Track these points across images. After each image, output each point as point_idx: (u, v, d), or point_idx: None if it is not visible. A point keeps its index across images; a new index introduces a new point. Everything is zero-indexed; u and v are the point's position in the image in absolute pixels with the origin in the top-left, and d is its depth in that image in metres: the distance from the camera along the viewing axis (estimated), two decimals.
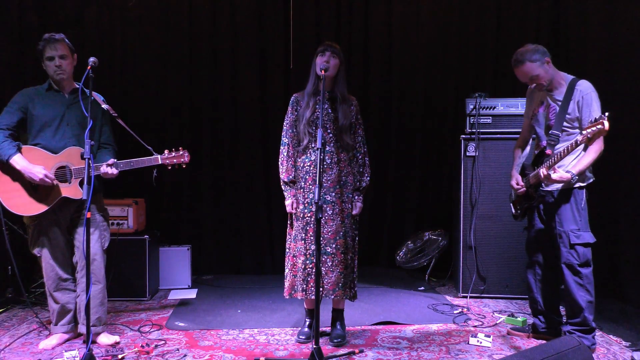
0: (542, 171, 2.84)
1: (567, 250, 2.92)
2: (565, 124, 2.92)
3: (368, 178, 3.22)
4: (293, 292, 3.11)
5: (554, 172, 2.80)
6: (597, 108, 2.86)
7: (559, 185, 2.95)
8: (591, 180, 2.98)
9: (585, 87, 2.90)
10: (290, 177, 3.16)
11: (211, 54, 4.94)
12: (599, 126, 2.60)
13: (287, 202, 3.15)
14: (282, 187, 3.18)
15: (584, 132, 2.67)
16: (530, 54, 2.91)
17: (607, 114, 2.76)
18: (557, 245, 2.97)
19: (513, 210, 3.27)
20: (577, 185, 2.93)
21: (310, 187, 3.07)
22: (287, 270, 3.17)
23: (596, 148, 2.84)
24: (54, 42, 2.98)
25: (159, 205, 4.86)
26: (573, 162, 2.89)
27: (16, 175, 2.93)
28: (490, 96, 4.10)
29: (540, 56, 2.91)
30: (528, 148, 3.24)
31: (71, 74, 3.09)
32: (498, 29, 4.93)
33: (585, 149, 2.82)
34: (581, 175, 2.89)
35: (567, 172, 2.83)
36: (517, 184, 3.14)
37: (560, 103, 2.95)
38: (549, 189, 3.02)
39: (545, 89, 3.00)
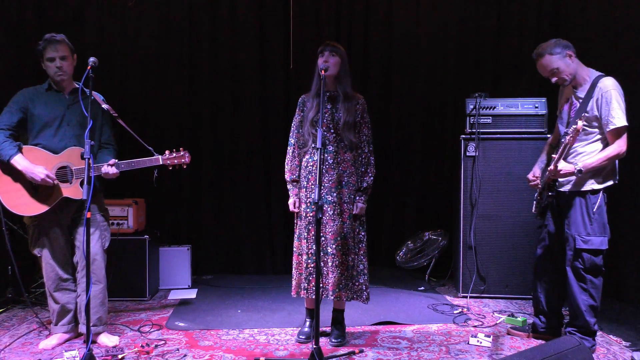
0: (550, 167, 2.83)
1: (572, 254, 2.90)
2: (584, 122, 2.79)
3: (371, 178, 3.16)
4: (299, 290, 3.12)
5: (559, 164, 2.78)
6: (617, 107, 2.76)
7: (570, 186, 2.92)
8: (610, 183, 2.88)
9: (605, 85, 2.80)
10: (293, 176, 3.18)
11: (211, 54, 4.93)
12: (574, 125, 2.59)
13: (290, 201, 3.17)
14: (288, 186, 3.21)
15: (569, 131, 2.67)
16: (550, 47, 2.86)
17: (584, 114, 2.72)
18: (564, 248, 2.96)
19: (533, 209, 3.18)
20: (589, 188, 2.87)
21: (313, 186, 3.07)
22: (294, 269, 3.18)
23: (614, 148, 2.78)
24: (55, 43, 2.97)
25: (159, 205, 4.85)
26: (584, 158, 2.85)
27: (17, 175, 2.93)
28: (490, 96, 4.10)
29: (561, 49, 2.84)
30: None
31: (71, 75, 3.09)
32: (498, 28, 4.92)
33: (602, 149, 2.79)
34: (590, 173, 2.82)
35: (571, 163, 2.80)
36: (533, 176, 3.10)
37: (581, 101, 2.88)
38: (562, 189, 2.96)
39: (569, 84, 2.92)
